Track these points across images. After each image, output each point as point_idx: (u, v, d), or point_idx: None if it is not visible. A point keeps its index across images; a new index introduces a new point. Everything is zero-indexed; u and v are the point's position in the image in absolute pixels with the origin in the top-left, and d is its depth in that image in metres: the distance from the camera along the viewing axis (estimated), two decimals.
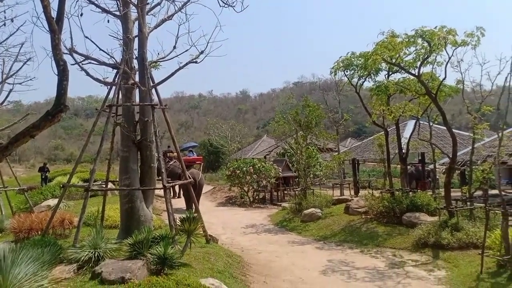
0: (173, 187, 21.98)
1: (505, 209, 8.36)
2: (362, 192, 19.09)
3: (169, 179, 15.46)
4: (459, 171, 17.55)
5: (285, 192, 23.45)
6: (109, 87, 10.49)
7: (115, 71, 10.48)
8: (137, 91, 10.79)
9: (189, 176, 12.35)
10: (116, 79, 10.23)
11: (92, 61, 10.38)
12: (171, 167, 21.36)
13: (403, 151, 15.23)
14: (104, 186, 11.80)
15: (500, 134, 9.51)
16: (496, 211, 9.86)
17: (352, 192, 21.19)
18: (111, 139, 10.99)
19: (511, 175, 22.04)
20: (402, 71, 12.95)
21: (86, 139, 11.08)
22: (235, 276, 8.66)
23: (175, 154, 15.30)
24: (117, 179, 11.61)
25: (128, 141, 10.42)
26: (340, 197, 18.17)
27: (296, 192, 19.30)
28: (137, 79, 10.68)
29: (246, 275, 9.12)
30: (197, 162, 23.11)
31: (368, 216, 14.15)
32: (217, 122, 39.54)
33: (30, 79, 13.54)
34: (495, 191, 11.01)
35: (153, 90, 10.76)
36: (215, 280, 7.13)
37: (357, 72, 14.65)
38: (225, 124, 38.25)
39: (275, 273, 9.56)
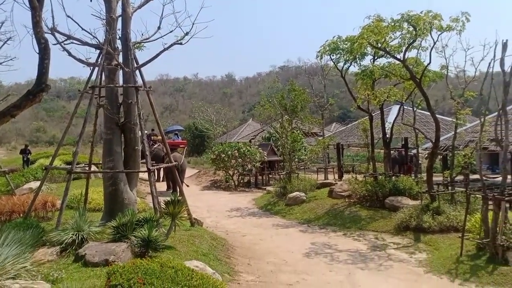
0: (157, 170, 21.89)
1: (486, 194, 8.51)
2: (346, 176, 19.28)
3: (153, 162, 15.37)
4: (441, 156, 17.83)
5: (270, 176, 23.52)
6: (92, 68, 10.30)
7: (98, 51, 10.28)
8: (120, 72, 10.62)
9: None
10: (99, 60, 10.05)
11: (75, 41, 10.20)
12: (155, 150, 21.21)
13: (387, 136, 15.35)
14: (87, 168, 11.67)
15: (482, 119, 9.63)
16: (477, 195, 10.07)
17: (336, 176, 21.39)
18: (94, 121, 10.85)
19: (492, 160, 22.51)
20: (388, 55, 12.95)
21: (69, 121, 10.83)
22: (220, 258, 8.71)
23: (160, 137, 15.18)
24: (101, 162, 11.49)
25: (111, 123, 10.29)
26: (324, 181, 18.29)
27: (281, 176, 19.38)
28: (120, 60, 10.50)
29: (231, 257, 9.18)
30: (181, 146, 22.99)
31: (352, 200, 14.29)
32: (202, 106, 39.36)
33: (11, 59, 13.23)
34: (476, 176, 11.21)
35: (137, 72, 10.59)
36: (199, 262, 7.15)
37: (343, 56, 14.60)
38: (211, 108, 38.08)
39: (259, 256, 9.63)
